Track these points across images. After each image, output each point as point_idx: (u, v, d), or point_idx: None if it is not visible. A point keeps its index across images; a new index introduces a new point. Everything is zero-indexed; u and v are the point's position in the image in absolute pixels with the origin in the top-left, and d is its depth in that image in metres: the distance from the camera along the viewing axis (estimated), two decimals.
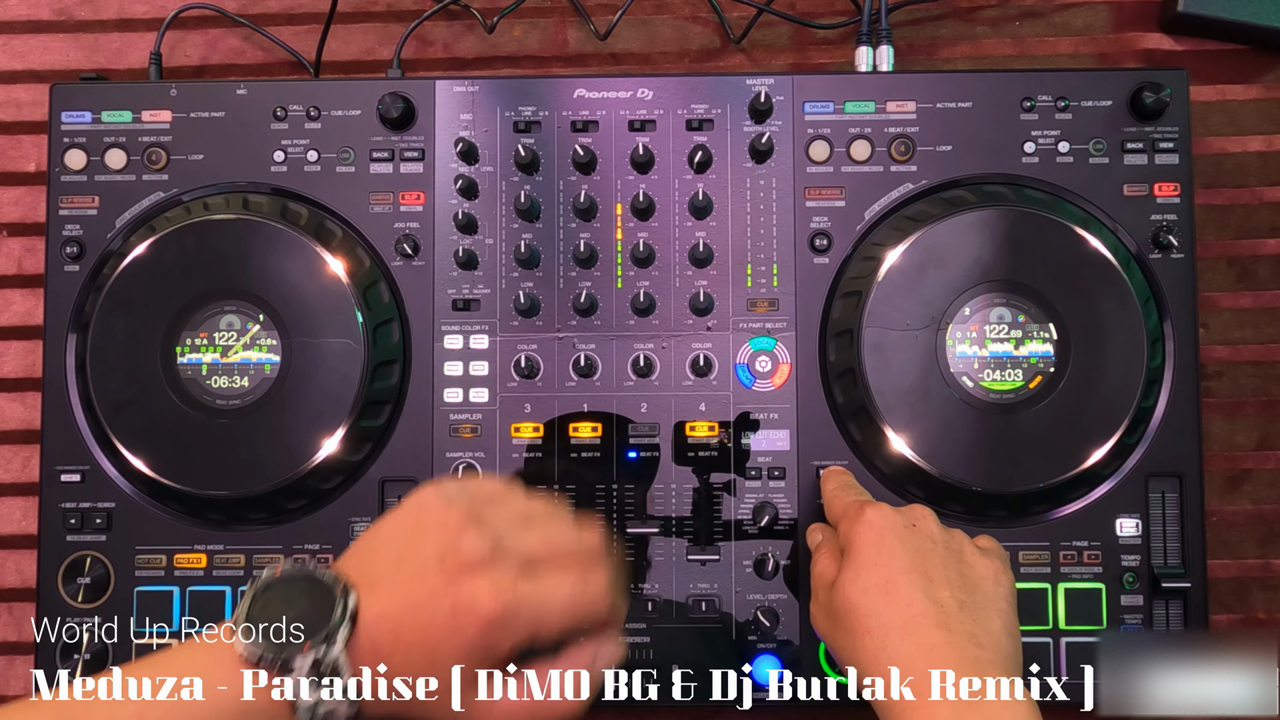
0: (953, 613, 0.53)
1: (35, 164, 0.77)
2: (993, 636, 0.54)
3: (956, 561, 0.56)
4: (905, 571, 0.54)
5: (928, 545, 0.56)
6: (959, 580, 0.55)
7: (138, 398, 0.67)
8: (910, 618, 0.53)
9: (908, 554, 0.55)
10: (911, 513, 0.58)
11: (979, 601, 0.55)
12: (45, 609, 0.68)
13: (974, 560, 0.57)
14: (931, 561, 0.55)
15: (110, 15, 0.79)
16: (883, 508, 0.58)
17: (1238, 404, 0.73)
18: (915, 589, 0.54)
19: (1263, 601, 0.72)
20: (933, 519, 0.58)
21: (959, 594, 0.54)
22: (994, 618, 0.55)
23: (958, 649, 0.52)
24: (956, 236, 0.67)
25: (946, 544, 0.57)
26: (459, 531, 0.48)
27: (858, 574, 0.55)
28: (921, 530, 0.57)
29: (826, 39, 0.77)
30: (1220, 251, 0.74)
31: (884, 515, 0.57)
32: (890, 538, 0.56)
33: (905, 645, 0.52)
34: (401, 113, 0.69)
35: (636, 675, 0.67)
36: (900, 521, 0.57)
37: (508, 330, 0.70)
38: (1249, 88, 0.76)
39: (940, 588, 0.54)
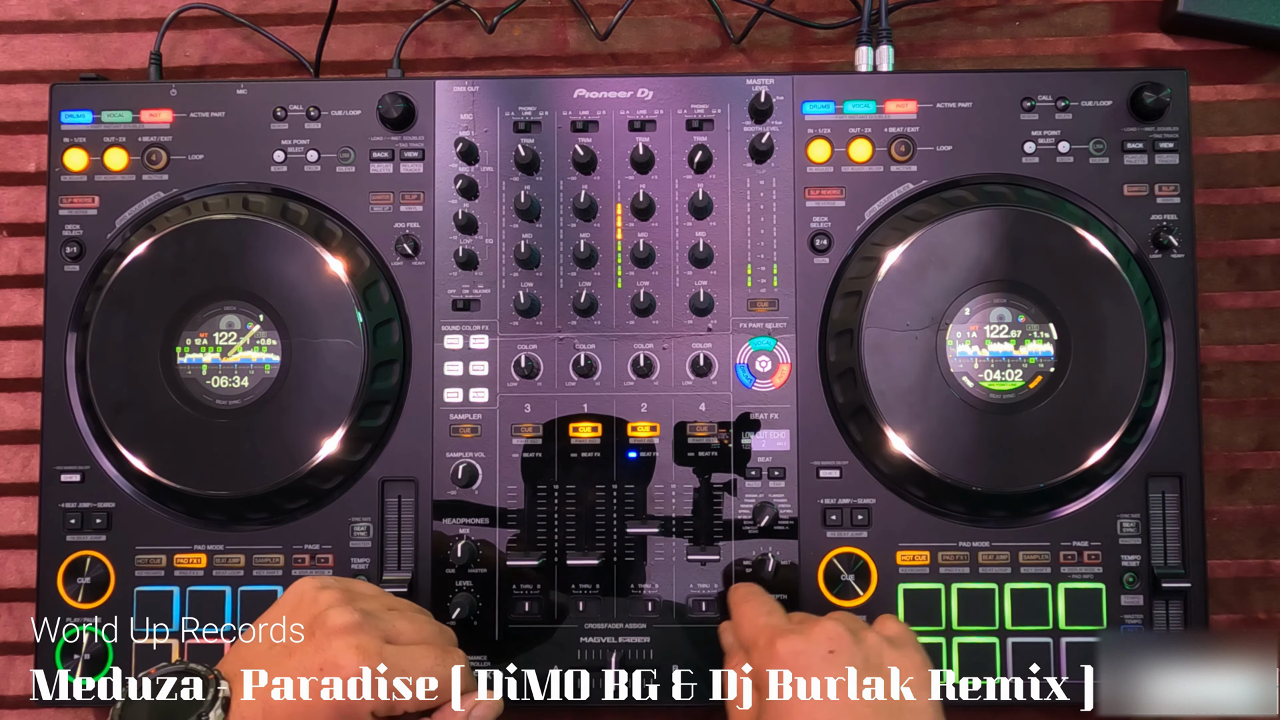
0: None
1: (35, 164, 0.77)
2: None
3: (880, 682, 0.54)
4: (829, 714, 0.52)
5: (848, 680, 0.53)
6: (886, 712, 0.53)
7: (138, 398, 0.67)
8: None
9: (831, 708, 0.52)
10: (824, 635, 0.55)
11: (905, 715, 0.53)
12: (45, 609, 0.68)
13: (894, 664, 0.55)
14: (858, 708, 0.53)
15: (110, 15, 0.79)
16: (794, 639, 0.55)
17: (1238, 404, 0.73)
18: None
19: (1263, 601, 0.72)
20: (846, 637, 0.55)
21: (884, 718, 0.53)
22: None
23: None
24: (956, 236, 0.67)
25: (865, 661, 0.54)
26: (328, 607, 0.53)
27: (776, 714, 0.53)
28: (839, 656, 0.54)
29: (826, 39, 0.77)
30: (1220, 251, 0.74)
31: (798, 645, 0.54)
32: (808, 675, 0.53)
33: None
34: (401, 113, 0.69)
35: (636, 675, 0.67)
36: (818, 651, 0.54)
37: (508, 330, 0.70)
38: (1249, 88, 0.76)
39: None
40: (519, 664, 0.67)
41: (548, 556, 0.68)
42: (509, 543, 0.68)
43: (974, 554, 0.68)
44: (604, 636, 0.68)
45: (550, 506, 0.69)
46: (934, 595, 0.67)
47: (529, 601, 0.68)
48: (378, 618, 0.54)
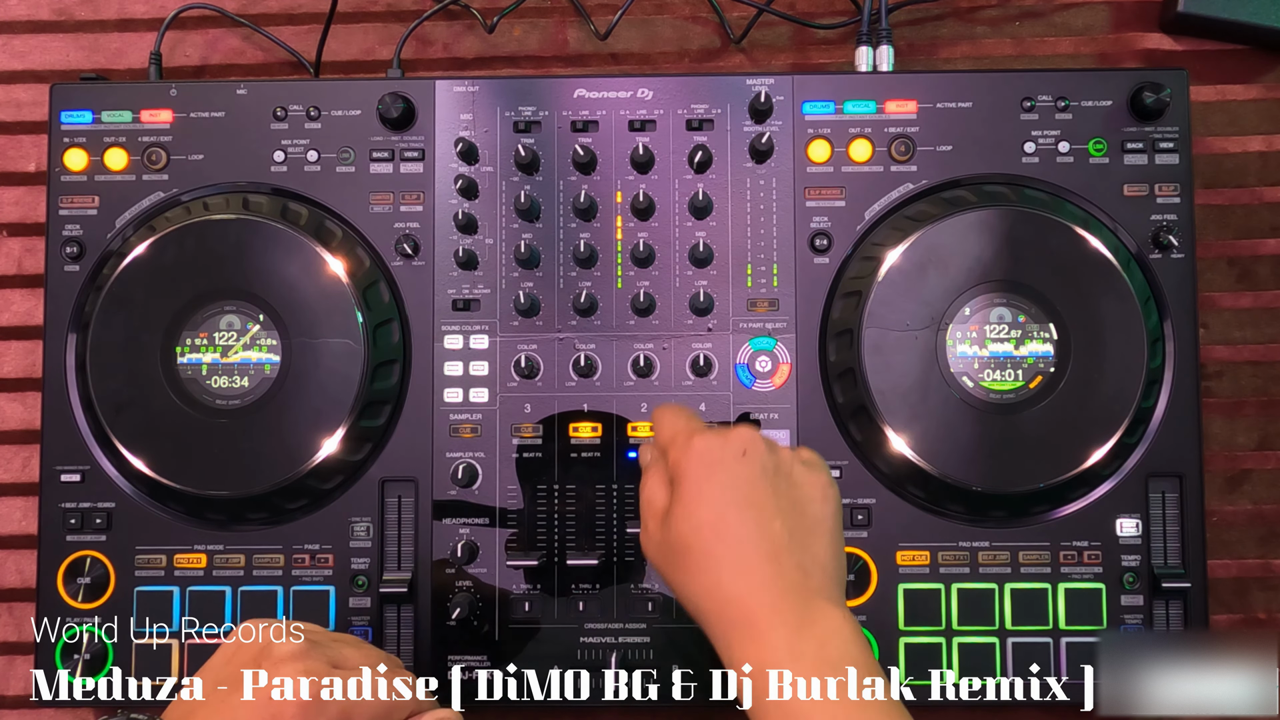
0: (783, 544, 0.54)
1: (35, 164, 0.77)
2: (819, 561, 0.54)
3: (786, 485, 0.56)
4: (737, 506, 0.54)
5: (758, 473, 0.55)
6: (789, 506, 0.55)
7: (138, 398, 0.67)
8: (742, 554, 0.53)
9: (739, 486, 0.54)
10: (740, 438, 0.56)
11: (808, 525, 0.55)
12: (45, 609, 0.68)
13: (802, 479, 0.56)
14: (762, 491, 0.55)
15: (110, 15, 0.79)
16: (710, 436, 0.56)
17: (1238, 404, 0.73)
18: (747, 523, 0.54)
19: (1263, 601, 0.72)
20: (761, 443, 0.56)
21: (789, 520, 0.54)
22: (820, 540, 0.55)
23: (785, 580, 0.53)
24: (956, 236, 0.67)
25: (776, 468, 0.56)
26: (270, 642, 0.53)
27: (689, 510, 0.54)
28: (751, 458, 0.55)
29: (826, 39, 0.77)
30: (1220, 251, 0.74)
31: (713, 445, 0.55)
32: (720, 470, 0.55)
33: (737, 582, 0.53)
34: (401, 113, 0.69)
35: (636, 675, 0.67)
36: (730, 451, 0.55)
37: (508, 330, 0.70)
38: (1249, 88, 0.76)
39: (772, 518, 0.54)
40: (519, 664, 0.67)
41: (548, 556, 0.68)
42: (509, 543, 0.68)
43: (974, 554, 0.68)
44: (604, 636, 0.68)
45: (550, 506, 0.69)
46: (934, 595, 0.67)
47: (529, 601, 0.68)
48: (323, 645, 0.54)
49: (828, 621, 0.52)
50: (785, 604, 0.52)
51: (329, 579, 0.68)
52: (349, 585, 0.68)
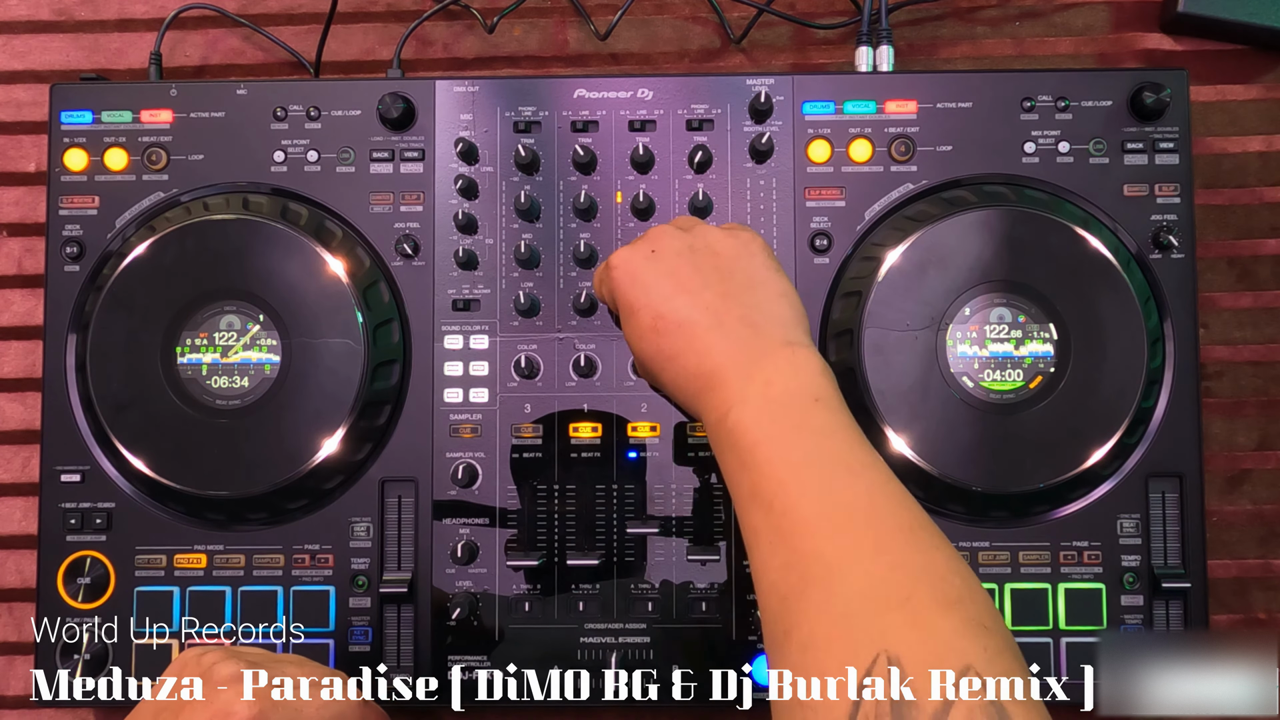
0: (719, 308, 0.55)
1: (35, 164, 0.77)
2: (763, 308, 0.55)
3: (707, 255, 0.57)
4: (665, 298, 0.55)
5: (672, 260, 0.56)
6: (715, 273, 0.56)
7: (138, 398, 0.67)
8: (688, 336, 0.54)
9: (660, 281, 0.56)
10: (646, 239, 0.58)
11: (741, 281, 0.56)
12: (45, 609, 0.68)
13: (722, 245, 0.57)
14: (684, 273, 0.56)
15: (110, 15, 0.79)
16: (622, 251, 0.58)
17: (1238, 404, 0.73)
18: (679, 308, 0.55)
19: (1263, 601, 0.72)
20: (668, 232, 0.58)
21: (720, 286, 0.55)
22: (759, 289, 0.56)
23: (733, 338, 0.54)
24: (956, 236, 0.67)
25: (691, 246, 0.57)
26: (214, 663, 0.54)
27: (631, 323, 0.57)
28: (663, 249, 0.57)
29: (826, 39, 0.77)
30: (1220, 251, 0.74)
31: (624, 257, 0.58)
32: (639, 276, 0.56)
33: (691, 360, 0.54)
34: (401, 113, 0.69)
35: (636, 675, 0.67)
36: (639, 254, 0.57)
37: (508, 330, 0.70)
38: (1249, 88, 0.76)
39: (699, 292, 0.55)
40: (519, 664, 0.67)
41: (548, 556, 0.68)
42: (509, 543, 0.68)
43: (974, 554, 0.68)
44: (604, 636, 0.68)
45: (550, 506, 0.69)
46: None
47: (529, 601, 0.68)
48: (264, 665, 0.55)
49: (775, 359, 0.53)
50: (736, 357, 0.53)
51: (329, 579, 0.68)
52: (349, 585, 0.68)
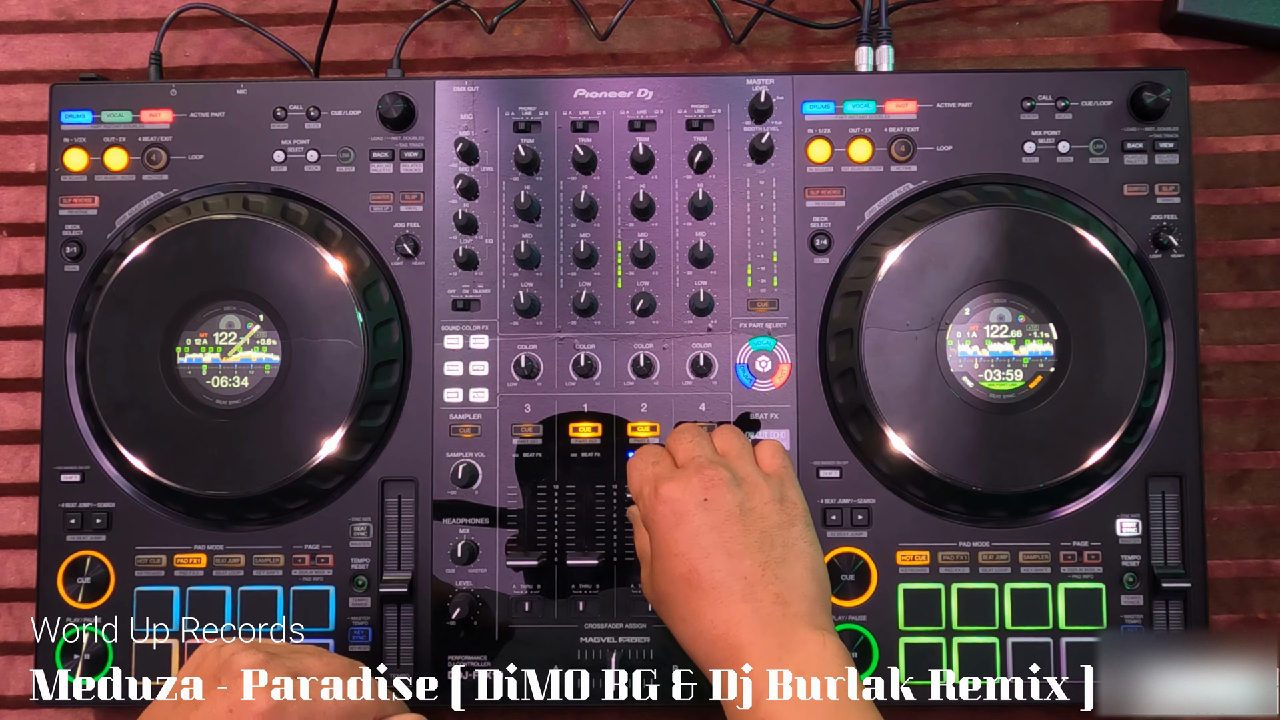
0: (756, 580, 0.55)
1: (35, 164, 0.77)
2: (796, 588, 0.55)
3: (753, 519, 0.56)
4: (705, 555, 0.55)
5: (722, 518, 0.56)
6: (758, 541, 0.56)
7: (138, 398, 0.67)
8: (718, 599, 0.54)
9: (705, 535, 0.55)
10: (703, 480, 0.57)
11: (779, 555, 0.56)
12: (45, 609, 0.68)
13: (769, 510, 0.57)
14: (730, 533, 0.55)
15: (110, 15, 0.79)
16: (672, 486, 0.57)
17: (1238, 404, 0.73)
18: (718, 570, 0.55)
19: (1263, 601, 0.72)
20: (724, 480, 0.57)
21: (760, 555, 0.55)
22: (794, 564, 0.56)
23: (763, 614, 0.54)
24: (956, 236, 0.67)
25: (741, 506, 0.57)
26: (233, 654, 0.54)
27: (664, 565, 0.57)
28: (715, 502, 0.56)
29: (826, 39, 0.77)
30: (1220, 251, 0.74)
31: (676, 495, 0.57)
32: (685, 522, 0.56)
33: (717, 625, 0.54)
34: (401, 113, 0.69)
35: (636, 675, 0.67)
36: (691, 500, 0.56)
37: (508, 330, 0.70)
38: (1249, 88, 0.76)
39: (741, 558, 0.55)
40: (519, 664, 0.67)
41: (548, 556, 0.68)
42: (509, 543, 0.68)
43: (974, 554, 0.68)
44: (604, 636, 0.68)
45: (550, 506, 0.69)
46: (934, 595, 0.67)
47: (529, 602, 0.68)
48: (283, 656, 0.55)
49: (807, 649, 0.53)
50: (765, 638, 0.53)
51: (329, 579, 0.68)
52: (349, 585, 0.68)
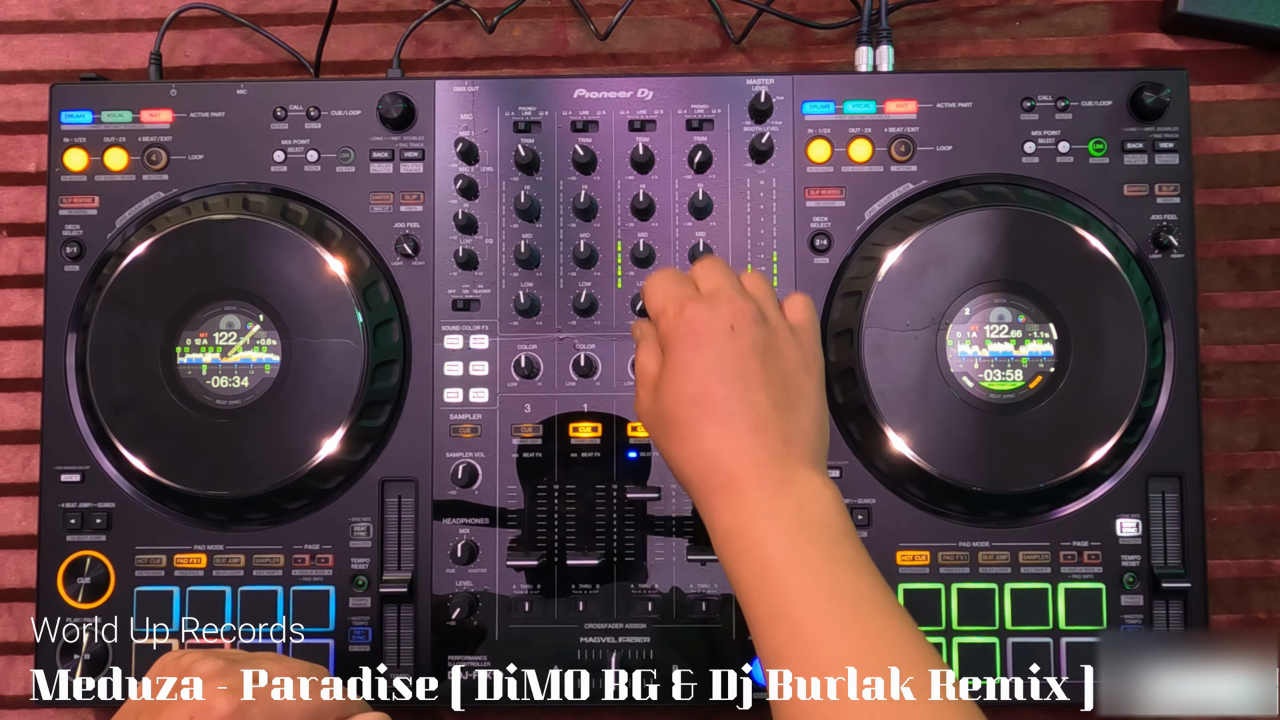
0: (767, 414, 0.54)
1: (35, 164, 0.77)
2: (802, 432, 0.55)
3: (774, 359, 0.56)
4: (722, 381, 0.54)
5: (746, 348, 0.55)
6: (776, 379, 0.55)
7: (138, 398, 0.67)
8: (726, 425, 0.54)
9: (725, 361, 0.54)
10: (732, 310, 0.55)
11: (792, 398, 0.55)
12: (45, 609, 0.68)
13: (790, 354, 0.56)
14: (749, 365, 0.54)
15: (110, 15, 0.79)
16: (700, 307, 0.55)
17: (1238, 404, 0.73)
18: (731, 398, 0.54)
19: (1263, 601, 0.72)
20: (749, 317, 0.55)
21: (774, 394, 0.54)
22: (804, 411, 0.55)
23: (768, 447, 0.53)
24: (956, 236, 0.67)
25: (766, 343, 0.56)
26: (192, 662, 0.54)
27: (676, 382, 0.55)
28: (741, 332, 0.55)
29: (826, 39, 0.77)
30: (1220, 251, 0.74)
31: (703, 316, 0.55)
32: (708, 345, 0.54)
33: (720, 449, 0.53)
34: (401, 113, 0.69)
35: (636, 675, 0.67)
36: (720, 324, 0.55)
37: (508, 330, 0.70)
38: (1249, 88, 0.76)
39: (757, 391, 0.54)
40: (519, 664, 0.67)
41: (548, 556, 0.68)
42: (509, 543, 0.68)
43: (974, 554, 0.68)
44: (604, 636, 0.68)
45: (550, 506, 0.69)
46: (934, 595, 0.67)
47: (529, 602, 0.68)
48: (242, 662, 0.55)
49: (807, 484, 0.53)
50: (767, 468, 0.53)
51: (329, 579, 0.68)
52: (349, 585, 0.68)
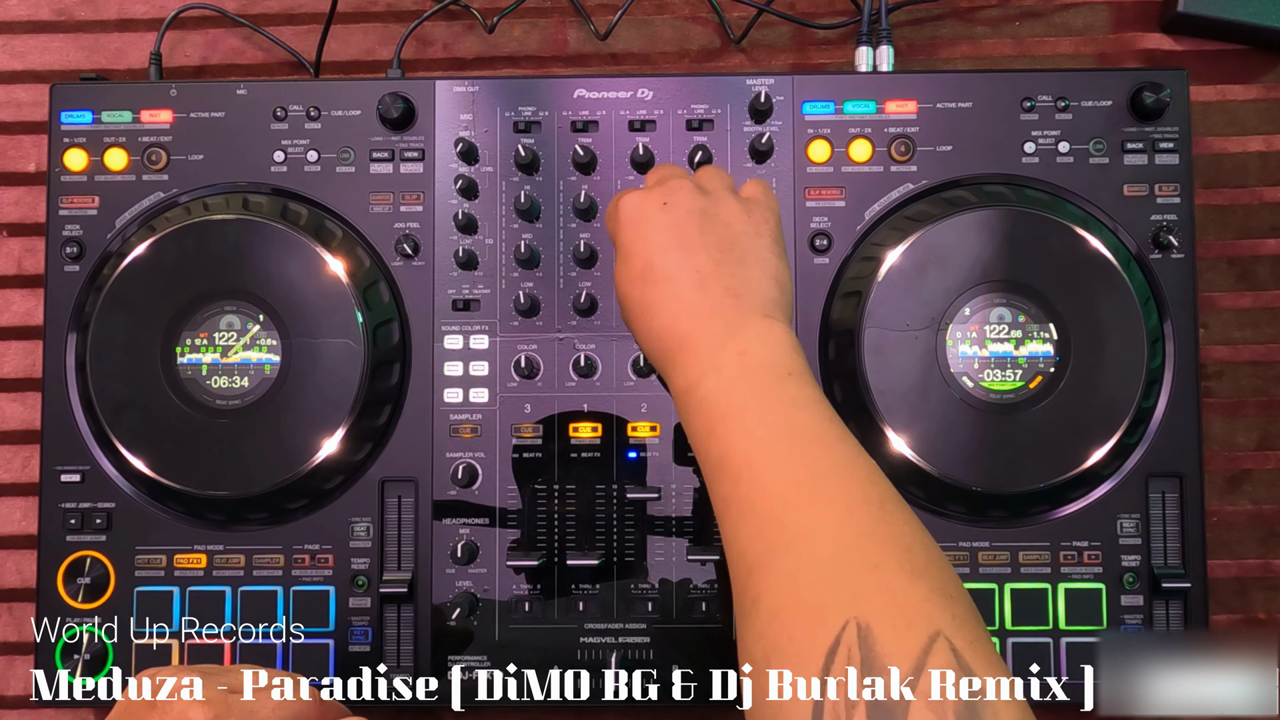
0: (709, 273, 0.55)
1: (35, 164, 0.77)
2: (752, 284, 0.55)
3: (714, 224, 0.56)
4: (661, 250, 0.55)
5: (682, 217, 0.56)
6: (716, 241, 0.56)
7: (138, 398, 0.67)
8: (671, 290, 0.55)
9: (662, 233, 0.56)
10: (665, 189, 0.57)
11: (738, 255, 0.56)
12: (45, 609, 0.68)
13: (734, 219, 0.57)
14: (687, 232, 0.56)
15: (110, 15, 0.79)
16: (634, 194, 0.58)
17: (1238, 404, 0.73)
18: (670, 264, 0.55)
19: (1263, 601, 0.72)
20: (686, 188, 0.57)
21: (715, 254, 0.55)
22: (754, 267, 0.56)
23: (713, 304, 0.54)
24: (956, 236, 0.67)
25: (703, 210, 0.57)
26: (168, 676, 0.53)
27: (623, 267, 0.57)
28: (675, 204, 0.57)
29: (826, 39, 0.77)
30: (1220, 251, 0.74)
31: (635, 201, 0.57)
32: (643, 223, 0.56)
33: (668, 314, 0.54)
34: (401, 113, 0.69)
35: (636, 675, 0.67)
36: (652, 203, 0.57)
37: (508, 330, 0.70)
38: (1249, 88, 0.76)
39: (696, 254, 0.55)
40: (519, 664, 0.67)
41: (548, 557, 0.68)
42: (509, 543, 0.68)
43: (974, 554, 0.68)
44: (604, 636, 0.68)
45: (550, 506, 0.69)
46: None
47: (529, 602, 0.68)
48: (218, 673, 0.55)
49: (751, 330, 0.53)
50: (712, 323, 0.53)
51: (329, 579, 0.68)
52: (349, 585, 0.68)
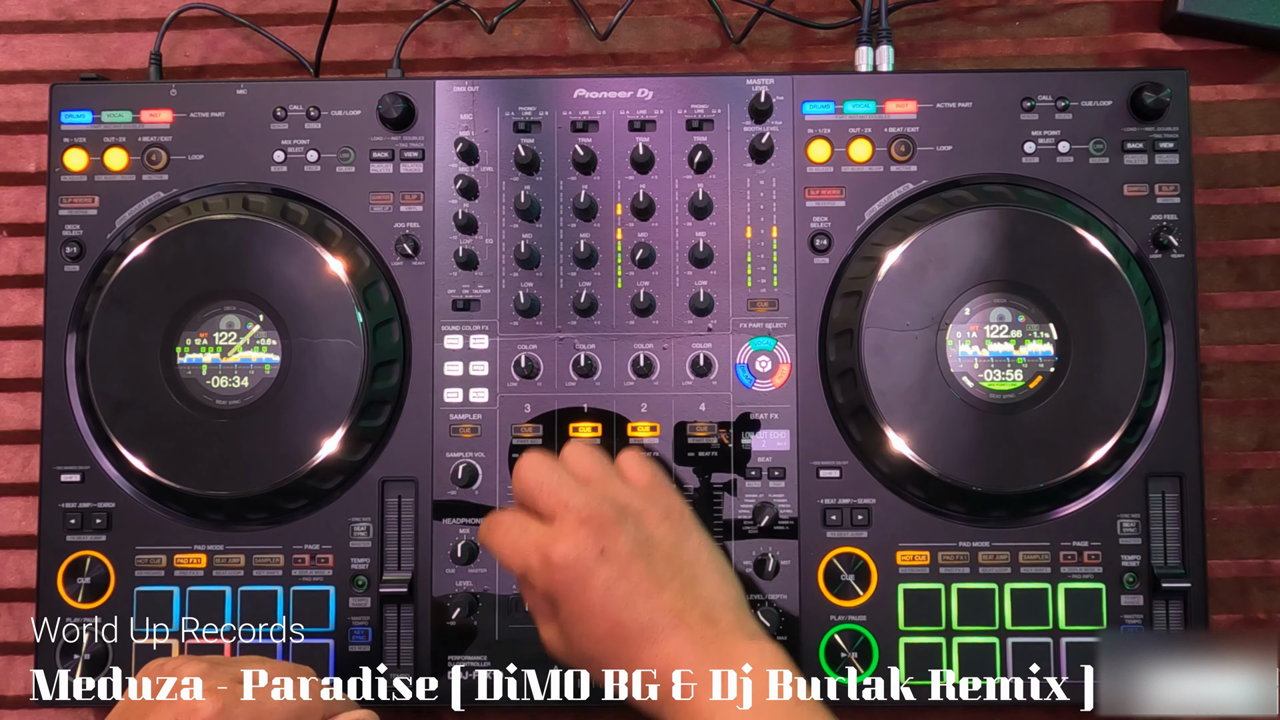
0: (679, 607, 0.53)
1: (35, 164, 0.77)
2: (716, 600, 0.54)
3: (656, 552, 0.54)
4: (624, 605, 0.53)
5: (625, 562, 0.53)
6: (667, 569, 0.54)
7: (138, 398, 0.67)
8: (649, 641, 0.52)
9: (614, 586, 0.53)
10: (589, 530, 0.53)
11: (690, 573, 0.55)
12: (45, 609, 0.68)
13: (663, 534, 0.55)
14: (637, 574, 0.53)
15: (110, 15, 0.79)
16: (560, 544, 0.53)
17: (1238, 404, 0.73)
18: (640, 615, 0.53)
19: (1263, 601, 0.72)
20: (609, 522, 0.54)
21: (674, 583, 0.54)
22: (707, 578, 0.55)
23: (695, 637, 0.52)
24: (956, 236, 0.67)
25: (636, 539, 0.54)
26: (177, 665, 0.54)
27: (583, 629, 0.54)
28: (611, 549, 0.53)
29: (826, 39, 0.77)
30: (1220, 251, 0.74)
31: (568, 556, 0.53)
32: (591, 581, 0.53)
33: (658, 662, 0.52)
34: (401, 113, 0.69)
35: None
36: (589, 554, 0.53)
37: (508, 330, 0.70)
38: (1249, 88, 0.76)
39: (659, 594, 0.53)
40: (519, 664, 0.67)
41: None
42: None
43: (974, 554, 0.68)
44: None
45: None
46: (934, 595, 0.67)
47: None
48: (226, 664, 0.55)
49: (748, 661, 0.52)
50: (706, 662, 0.52)
51: (329, 579, 0.68)
52: (349, 585, 0.68)
